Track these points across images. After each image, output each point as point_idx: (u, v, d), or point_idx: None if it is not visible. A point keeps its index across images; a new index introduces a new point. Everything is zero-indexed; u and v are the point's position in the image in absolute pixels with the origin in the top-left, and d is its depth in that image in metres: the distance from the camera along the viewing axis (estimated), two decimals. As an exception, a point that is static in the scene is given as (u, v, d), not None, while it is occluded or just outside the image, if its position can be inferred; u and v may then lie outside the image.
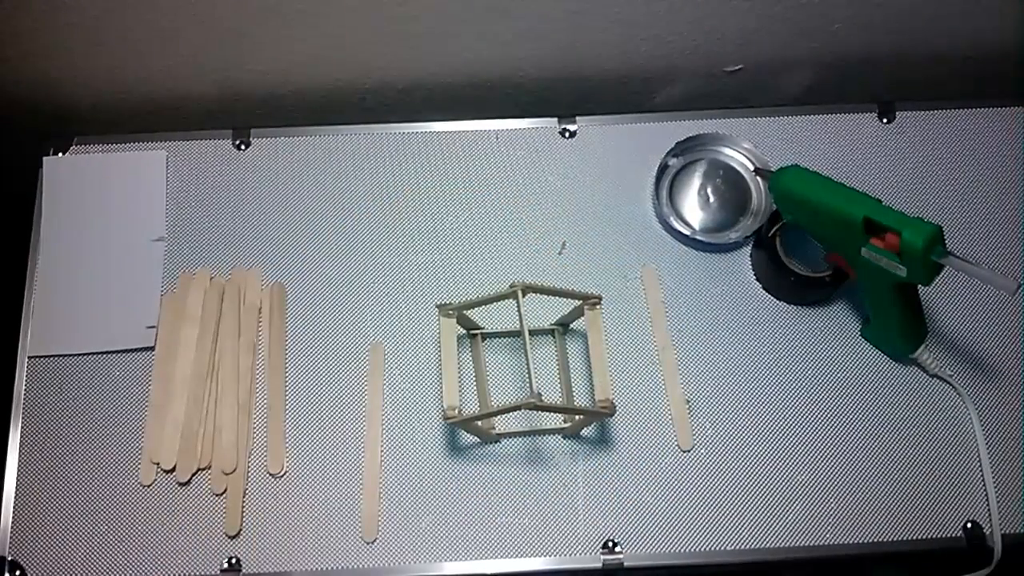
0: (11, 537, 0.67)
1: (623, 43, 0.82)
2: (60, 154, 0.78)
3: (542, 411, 0.62)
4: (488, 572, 0.67)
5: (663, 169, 0.78)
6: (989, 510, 0.68)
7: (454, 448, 0.70)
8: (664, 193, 0.78)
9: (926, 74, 0.88)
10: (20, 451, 0.69)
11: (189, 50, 0.79)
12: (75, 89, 0.82)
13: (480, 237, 0.76)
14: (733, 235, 0.76)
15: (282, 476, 0.69)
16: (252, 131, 0.80)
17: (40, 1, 0.71)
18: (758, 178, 0.77)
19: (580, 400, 0.70)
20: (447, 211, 0.78)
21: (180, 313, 0.73)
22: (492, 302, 0.63)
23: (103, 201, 0.77)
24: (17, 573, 0.66)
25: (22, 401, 0.71)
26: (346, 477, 0.69)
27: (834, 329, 0.74)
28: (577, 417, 0.68)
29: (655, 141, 0.79)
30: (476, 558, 0.67)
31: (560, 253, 0.76)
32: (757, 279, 0.76)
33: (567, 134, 0.80)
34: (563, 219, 0.78)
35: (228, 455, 0.69)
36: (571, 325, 0.73)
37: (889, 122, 0.81)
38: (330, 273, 0.75)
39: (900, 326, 0.69)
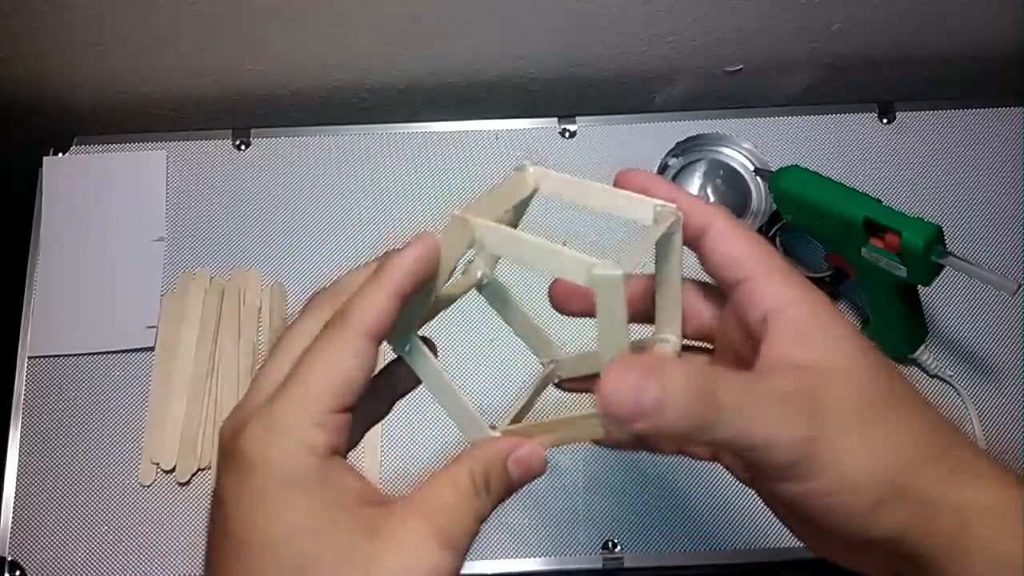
0: (11, 537, 0.67)
1: (623, 43, 0.81)
2: (60, 154, 0.78)
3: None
4: (488, 572, 0.67)
5: (663, 169, 0.78)
6: (989, 510, 0.68)
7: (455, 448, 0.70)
8: (664, 193, 0.77)
9: (926, 74, 0.88)
10: (20, 451, 0.69)
11: (189, 50, 0.79)
12: (75, 89, 0.82)
13: (480, 237, 0.76)
14: (733, 235, 0.76)
15: (282, 476, 0.69)
16: (252, 131, 0.80)
17: (40, 1, 0.71)
18: (758, 178, 0.77)
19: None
20: (447, 211, 0.77)
21: (180, 313, 0.73)
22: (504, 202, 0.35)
23: (103, 201, 0.77)
24: (17, 573, 0.66)
25: (22, 401, 0.71)
26: (346, 477, 0.69)
27: (834, 329, 0.74)
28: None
29: (655, 141, 0.79)
30: (476, 558, 0.67)
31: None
32: (757, 279, 0.75)
33: (567, 134, 0.80)
34: (562, 219, 0.77)
35: (228, 455, 0.69)
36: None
37: (889, 122, 0.81)
38: (330, 273, 0.74)
39: (900, 326, 0.69)
